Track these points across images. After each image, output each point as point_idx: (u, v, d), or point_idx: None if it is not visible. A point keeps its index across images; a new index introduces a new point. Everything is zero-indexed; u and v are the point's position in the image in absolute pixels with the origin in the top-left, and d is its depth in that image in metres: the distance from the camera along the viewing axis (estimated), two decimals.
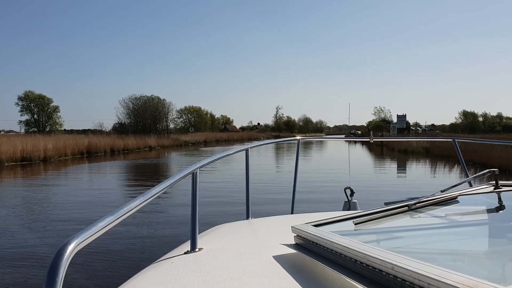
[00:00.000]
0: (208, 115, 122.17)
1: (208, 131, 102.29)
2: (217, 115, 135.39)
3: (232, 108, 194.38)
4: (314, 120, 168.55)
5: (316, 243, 1.36)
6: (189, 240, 1.74)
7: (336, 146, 50.80)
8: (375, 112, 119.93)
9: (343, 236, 1.31)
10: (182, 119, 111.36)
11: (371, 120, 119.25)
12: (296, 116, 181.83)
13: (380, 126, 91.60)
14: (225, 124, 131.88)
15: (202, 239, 1.84)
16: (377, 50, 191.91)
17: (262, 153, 34.25)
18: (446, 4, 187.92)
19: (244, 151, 2.72)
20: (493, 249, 1.46)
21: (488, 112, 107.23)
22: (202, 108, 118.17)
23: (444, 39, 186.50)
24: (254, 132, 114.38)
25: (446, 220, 1.75)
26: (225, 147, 51.73)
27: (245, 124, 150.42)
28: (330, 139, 11.70)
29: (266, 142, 3.92)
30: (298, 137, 3.66)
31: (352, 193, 5.03)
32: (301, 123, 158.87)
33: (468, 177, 2.17)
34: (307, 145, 49.66)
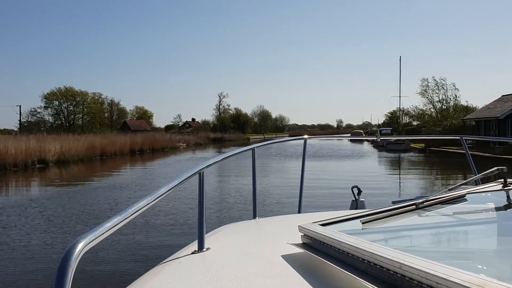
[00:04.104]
0: (105, 105, 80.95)
1: (104, 130, 63.67)
2: (130, 106, 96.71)
3: (162, 101, 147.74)
4: (273, 115, 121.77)
5: (324, 243, 1.36)
6: (197, 240, 1.75)
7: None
8: (424, 89, 57.56)
9: (351, 235, 1.31)
10: (52, 109, 70.58)
11: (423, 107, 59.34)
12: (248, 109, 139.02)
13: None
14: (140, 119, 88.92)
15: (210, 239, 1.85)
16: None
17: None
18: None
19: (251, 150, 2.73)
20: (502, 248, 1.45)
21: None
22: (96, 94, 76.67)
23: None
24: (174, 135, 61.77)
25: (454, 219, 1.74)
26: None
27: (173, 121, 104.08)
28: (340, 137, 11.55)
29: (271, 142, 3.93)
30: (305, 136, 3.69)
31: (360, 192, 5.03)
32: (255, 119, 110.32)
33: (476, 175, 2.16)
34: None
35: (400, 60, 60.44)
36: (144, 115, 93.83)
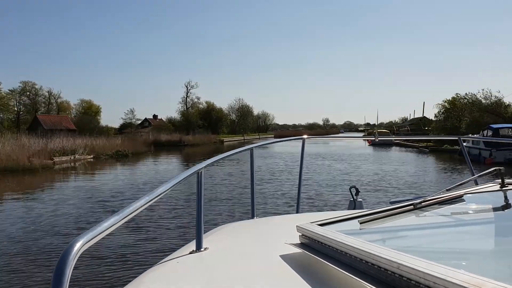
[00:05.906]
0: (40, 97, 62.68)
1: (11, 128, 47.00)
2: (75, 100, 78.43)
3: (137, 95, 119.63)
4: (256, 111, 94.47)
5: (322, 243, 1.36)
6: (195, 240, 1.75)
7: None
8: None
9: (349, 235, 1.31)
10: None
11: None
12: (224, 103, 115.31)
13: None
14: (85, 114, 65.52)
15: (208, 239, 1.85)
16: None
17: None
18: None
19: (249, 150, 2.73)
20: (499, 248, 1.45)
21: None
22: (27, 83, 59.34)
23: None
24: (68, 139, 30.47)
25: (452, 219, 1.74)
26: None
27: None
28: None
29: (269, 141, 3.94)
30: (304, 136, 3.70)
31: (357, 192, 5.04)
32: (233, 116, 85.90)
33: (473, 175, 2.16)
34: None
35: None
36: (89, 109, 69.91)
